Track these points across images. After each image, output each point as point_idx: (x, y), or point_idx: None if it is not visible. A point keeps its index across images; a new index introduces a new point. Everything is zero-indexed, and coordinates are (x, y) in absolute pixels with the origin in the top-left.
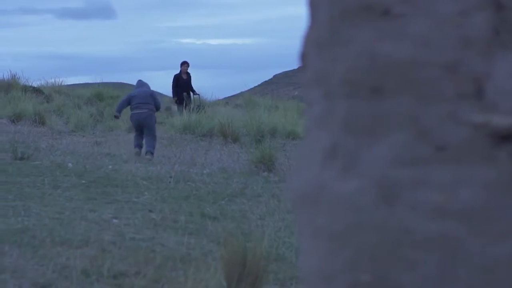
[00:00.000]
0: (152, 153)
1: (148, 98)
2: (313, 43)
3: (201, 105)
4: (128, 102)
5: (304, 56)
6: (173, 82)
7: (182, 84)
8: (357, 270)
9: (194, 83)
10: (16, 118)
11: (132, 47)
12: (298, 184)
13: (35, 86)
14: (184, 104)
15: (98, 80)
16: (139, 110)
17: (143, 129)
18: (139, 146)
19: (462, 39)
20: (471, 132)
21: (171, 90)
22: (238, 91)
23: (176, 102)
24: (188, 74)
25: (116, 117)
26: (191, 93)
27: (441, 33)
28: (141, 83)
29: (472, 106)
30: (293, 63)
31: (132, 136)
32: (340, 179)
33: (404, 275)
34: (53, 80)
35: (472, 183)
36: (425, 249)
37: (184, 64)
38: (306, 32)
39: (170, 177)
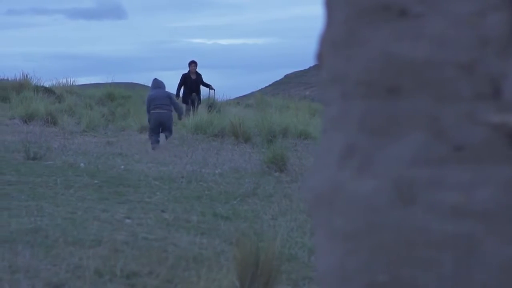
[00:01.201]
0: (167, 138)
1: (167, 100)
2: (329, 43)
3: (214, 105)
4: (149, 104)
5: (320, 56)
6: (180, 81)
7: (190, 84)
8: (374, 270)
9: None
10: (28, 118)
11: (143, 47)
12: (314, 184)
13: (47, 86)
14: (193, 105)
15: (109, 80)
16: (159, 110)
17: (160, 128)
18: (157, 142)
19: (479, 39)
20: (489, 132)
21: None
22: (249, 91)
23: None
24: (197, 74)
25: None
26: (209, 89)
27: (458, 33)
28: (157, 83)
29: (489, 106)
30: (304, 63)
31: (143, 136)
32: (356, 179)
33: (420, 275)
34: (64, 80)
35: (489, 183)
36: (442, 249)
37: (192, 63)
38: (322, 32)
39: (182, 177)
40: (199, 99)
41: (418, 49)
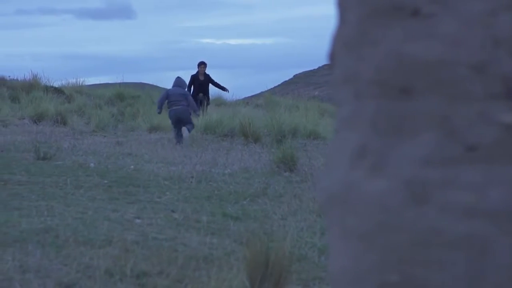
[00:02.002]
0: (190, 131)
1: (182, 97)
2: (342, 43)
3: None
4: (166, 97)
5: (332, 56)
6: (188, 81)
7: (198, 85)
8: (386, 270)
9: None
10: (37, 118)
11: (152, 47)
12: (327, 184)
13: (56, 86)
14: (201, 105)
15: (118, 80)
16: (175, 106)
17: (180, 124)
18: (179, 139)
19: (491, 39)
20: (501, 132)
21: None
22: (258, 91)
23: None
24: (206, 75)
25: (159, 113)
26: (222, 90)
27: (470, 33)
28: (178, 82)
29: (501, 106)
30: (313, 63)
31: (153, 136)
32: (369, 179)
33: (432, 275)
34: (74, 80)
35: (502, 183)
36: (454, 249)
37: (201, 64)
38: (334, 32)
39: (192, 177)
40: (208, 99)
41: (431, 49)
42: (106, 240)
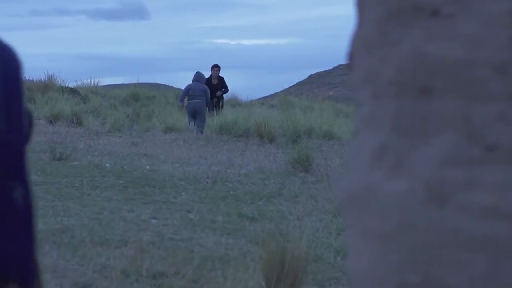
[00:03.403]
0: (202, 132)
1: (202, 92)
2: (361, 44)
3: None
4: (187, 92)
5: (351, 56)
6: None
7: (210, 90)
8: (406, 271)
9: (228, 84)
10: (53, 119)
11: (166, 48)
12: (346, 185)
13: (72, 87)
14: (216, 108)
15: (133, 80)
16: (195, 100)
17: (195, 115)
18: (193, 123)
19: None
20: None
21: None
22: (272, 92)
23: None
24: (219, 78)
25: (182, 106)
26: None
27: (491, 33)
28: (198, 76)
29: None
30: (327, 63)
31: (168, 137)
32: (388, 180)
33: (453, 276)
34: (89, 80)
35: None
36: (475, 250)
37: (215, 67)
38: (353, 32)
39: (207, 177)
40: (222, 105)
41: (451, 49)
42: (122, 240)
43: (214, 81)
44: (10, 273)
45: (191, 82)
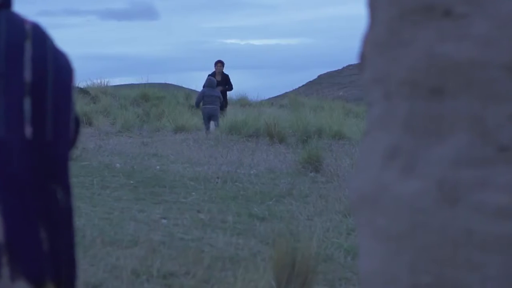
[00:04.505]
0: (216, 126)
1: (217, 98)
2: (373, 44)
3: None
4: (202, 97)
5: (363, 56)
6: (205, 82)
7: None
8: (418, 272)
9: (237, 84)
10: None
11: (176, 48)
12: (358, 185)
13: (82, 87)
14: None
15: (143, 80)
16: (210, 105)
17: (210, 119)
18: (208, 128)
19: None
20: None
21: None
22: (282, 92)
23: None
24: (223, 75)
25: (197, 108)
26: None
27: (503, 33)
28: (210, 82)
29: None
30: (337, 63)
31: (178, 137)
32: (400, 180)
33: (465, 276)
34: (99, 81)
35: None
36: (487, 251)
37: (218, 63)
38: (365, 33)
39: (218, 177)
40: (226, 102)
41: (463, 49)
42: (132, 240)
43: (218, 77)
44: (54, 274)
45: (203, 88)
